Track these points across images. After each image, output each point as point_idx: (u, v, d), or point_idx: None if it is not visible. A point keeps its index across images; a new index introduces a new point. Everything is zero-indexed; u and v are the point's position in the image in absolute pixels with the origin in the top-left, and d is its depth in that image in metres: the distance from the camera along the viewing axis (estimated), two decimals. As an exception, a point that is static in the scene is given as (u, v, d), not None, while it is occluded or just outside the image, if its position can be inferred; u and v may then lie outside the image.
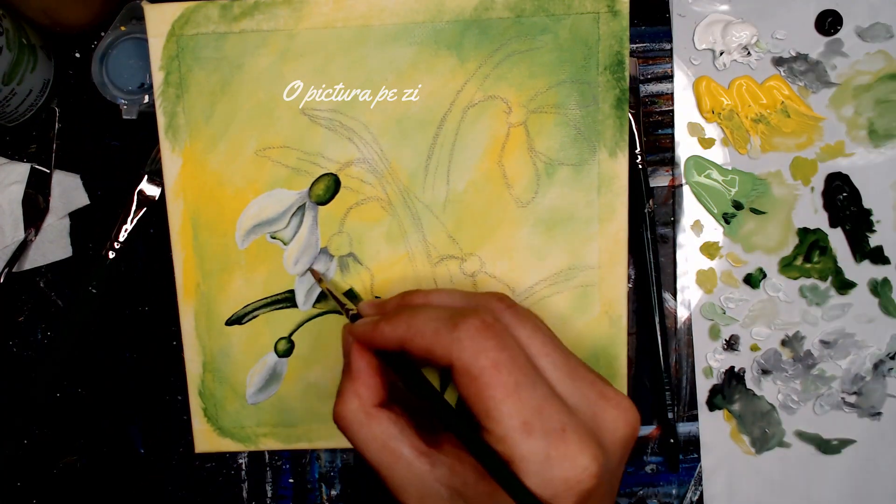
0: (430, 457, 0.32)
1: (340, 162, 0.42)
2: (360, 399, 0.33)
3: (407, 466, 0.32)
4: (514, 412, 0.29)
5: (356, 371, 0.34)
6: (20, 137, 0.47)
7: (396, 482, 0.32)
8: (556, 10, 0.40)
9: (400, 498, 0.32)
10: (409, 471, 0.32)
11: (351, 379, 0.34)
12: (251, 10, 0.41)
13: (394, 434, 0.33)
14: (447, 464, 0.32)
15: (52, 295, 0.47)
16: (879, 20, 0.44)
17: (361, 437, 0.33)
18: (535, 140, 0.41)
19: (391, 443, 0.32)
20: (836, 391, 0.45)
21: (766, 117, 0.44)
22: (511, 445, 0.29)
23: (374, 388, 0.34)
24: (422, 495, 0.32)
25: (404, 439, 0.32)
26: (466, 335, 0.30)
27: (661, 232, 0.45)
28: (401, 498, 0.32)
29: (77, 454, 0.48)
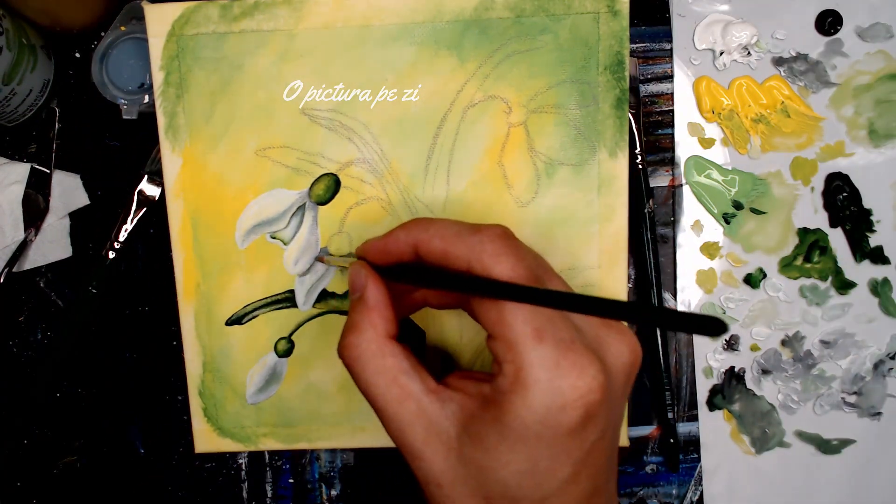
0: (439, 394, 0.32)
1: (340, 162, 0.42)
2: (376, 329, 0.33)
3: (416, 403, 0.31)
4: (529, 318, 0.28)
5: (373, 301, 0.33)
6: (20, 137, 0.47)
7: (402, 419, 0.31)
8: (556, 10, 0.40)
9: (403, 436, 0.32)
10: (418, 407, 0.31)
11: (367, 309, 0.33)
12: (251, 10, 0.41)
13: (405, 369, 0.32)
14: (456, 400, 0.31)
15: (52, 295, 0.47)
16: (879, 20, 0.44)
17: (371, 370, 0.32)
18: (535, 140, 0.41)
19: (402, 377, 0.32)
20: (836, 391, 0.45)
21: (766, 117, 0.44)
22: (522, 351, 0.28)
23: (389, 318, 0.33)
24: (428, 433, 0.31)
25: (415, 375, 0.32)
26: (489, 238, 0.30)
27: (661, 232, 0.45)
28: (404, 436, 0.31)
29: (77, 454, 0.48)
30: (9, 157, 0.46)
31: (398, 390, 0.32)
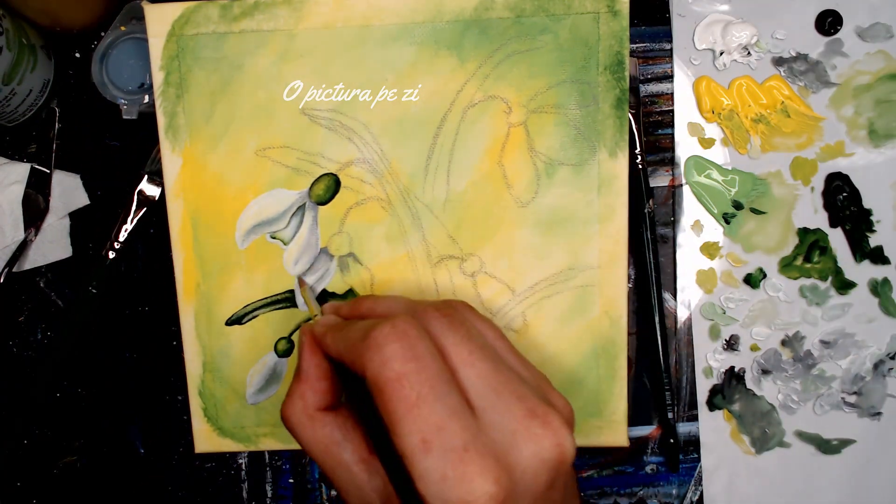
0: (368, 464, 0.32)
1: (340, 162, 0.42)
2: (305, 402, 0.33)
3: (347, 472, 0.32)
4: (414, 429, 0.27)
5: (304, 372, 0.33)
6: (20, 137, 0.47)
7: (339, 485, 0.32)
8: (556, 10, 0.40)
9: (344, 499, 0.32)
10: (348, 476, 0.32)
11: (298, 380, 0.33)
12: (251, 10, 0.41)
13: (336, 439, 0.32)
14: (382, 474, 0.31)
15: (52, 295, 0.47)
16: (879, 20, 0.44)
17: (305, 439, 0.33)
18: (535, 140, 0.41)
19: (333, 448, 0.32)
20: (836, 391, 0.45)
21: (766, 117, 0.44)
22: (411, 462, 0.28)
23: (320, 391, 0.33)
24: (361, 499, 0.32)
25: (347, 444, 0.32)
26: (373, 344, 0.29)
27: (661, 232, 0.45)
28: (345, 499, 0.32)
29: (77, 454, 0.48)
30: (9, 157, 0.46)
31: (330, 459, 0.32)
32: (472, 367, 0.30)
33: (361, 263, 0.42)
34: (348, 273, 0.43)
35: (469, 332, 0.31)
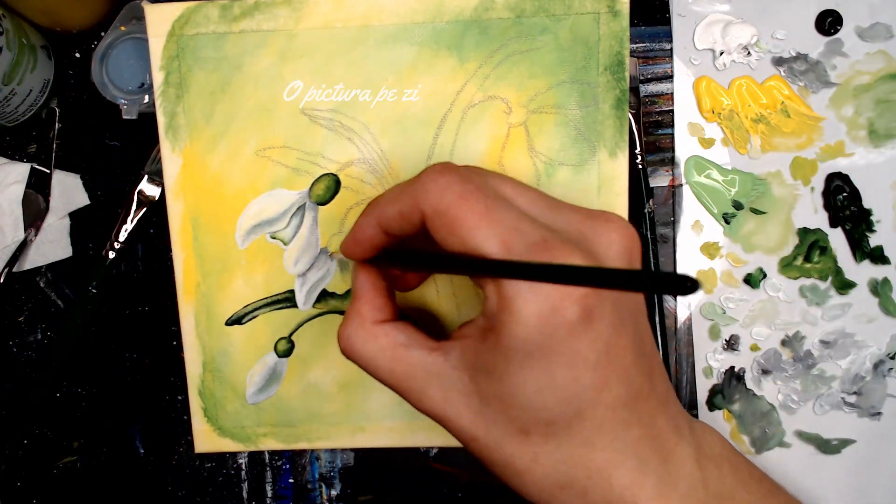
0: (442, 349, 0.31)
1: (340, 162, 0.42)
2: (362, 317, 0.32)
3: (422, 367, 0.31)
4: (490, 234, 0.27)
5: (358, 291, 0.33)
6: (20, 137, 0.47)
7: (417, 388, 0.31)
8: (556, 11, 0.40)
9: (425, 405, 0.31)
10: (425, 370, 0.31)
11: (354, 299, 0.33)
12: (251, 10, 0.41)
13: (401, 341, 0.32)
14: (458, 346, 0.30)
15: (52, 295, 0.47)
16: (880, 20, 0.44)
17: (368, 353, 0.32)
18: (535, 140, 0.41)
19: (400, 350, 0.31)
20: (836, 391, 0.45)
21: (766, 117, 0.44)
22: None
23: (377, 306, 0.33)
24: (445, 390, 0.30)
25: (412, 342, 0.31)
26: (428, 178, 0.29)
27: (661, 232, 0.45)
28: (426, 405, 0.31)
29: (77, 454, 0.48)
30: (9, 157, 0.46)
31: (401, 365, 0.31)
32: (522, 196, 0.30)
33: (361, 263, 0.42)
34: (348, 273, 0.43)
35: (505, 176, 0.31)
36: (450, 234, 0.28)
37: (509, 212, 0.28)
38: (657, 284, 0.20)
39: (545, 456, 0.29)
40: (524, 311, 0.27)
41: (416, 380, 0.31)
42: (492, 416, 0.30)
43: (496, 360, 0.28)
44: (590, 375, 0.28)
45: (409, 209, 0.30)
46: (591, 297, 0.27)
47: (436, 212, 0.29)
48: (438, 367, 0.31)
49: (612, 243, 0.29)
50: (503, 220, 0.28)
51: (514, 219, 0.28)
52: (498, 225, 0.27)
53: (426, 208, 0.29)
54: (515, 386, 0.28)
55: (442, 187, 0.28)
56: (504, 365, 0.28)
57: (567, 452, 0.29)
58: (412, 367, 0.31)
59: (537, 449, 0.29)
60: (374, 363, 0.32)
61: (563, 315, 0.27)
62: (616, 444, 0.29)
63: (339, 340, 0.33)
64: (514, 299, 0.27)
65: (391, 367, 0.31)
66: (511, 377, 0.28)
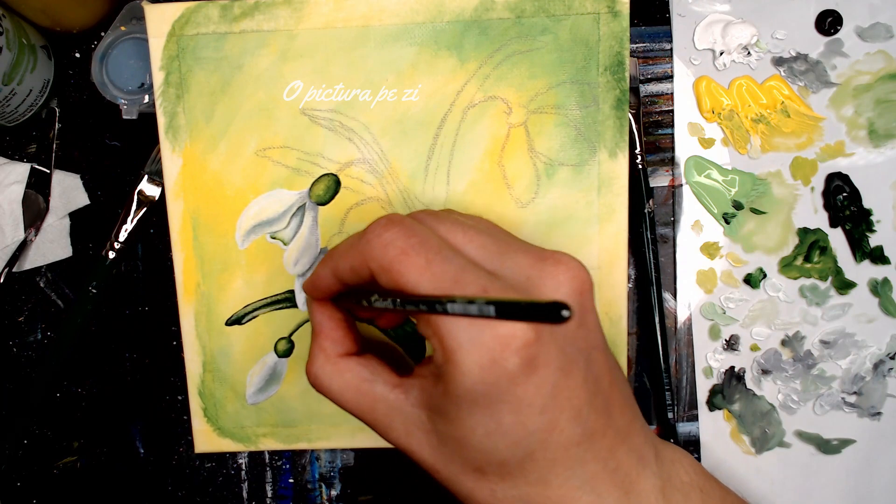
0: (403, 386, 0.32)
1: (340, 162, 0.42)
2: (326, 353, 0.33)
3: (385, 403, 0.32)
4: (430, 288, 0.28)
5: (318, 326, 0.34)
6: (20, 137, 0.47)
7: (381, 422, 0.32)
8: (556, 11, 0.40)
9: (389, 437, 0.32)
10: (387, 406, 0.31)
11: (315, 335, 0.34)
12: (251, 10, 0.41)
13: (365, 376, 0.32)
14: (417, 385, 0.31)
15: (52, 295, 0.47)
16: (879, 20, 0.44)
17: (335, 388, 0.32)
18: (535, 140, 0.41)
19: (364, 385, 0.32)
20: (836, 391, 0.45)
21: (766, 117, 0.44)
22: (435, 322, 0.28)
23: (338, 339, 0.34)
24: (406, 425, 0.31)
25: (376, 378, 0.32)
26: (373, 234, 0.29)
27: (661, 232, 0.45)
28: (390, 437, 0.32)
29: (77, 454, 0.48)
30: (9, 157, 0.46)
31: (365, 398, 0.32)
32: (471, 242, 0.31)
33: (361, 264, 0.42)
34: None
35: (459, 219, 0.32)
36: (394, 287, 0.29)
37: (451, 263, 0.28)
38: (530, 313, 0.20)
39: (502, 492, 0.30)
40: (466, 364, 0.27)
41: (380, 413, 0.32)
42: (449, 455, 0.30)
43: (447, 405, 0.29)
44: (537, 420, 0.28)
45: (358, 264, 0.30)
46: (533, 347, 0.27)
47: (380, 267, 0.29)
48: (400, 403, 0.31)
49: (560, 286, 0.29)
50: (443, 273, 0.28)
51: (456, 270, 0.28)
52: (438, 278, 0.28)
53: (372, 265, 0.30)
54: (466, 430, 0.29)
55: (385, 243, 0.29)
56: (455, 410, 0.29)
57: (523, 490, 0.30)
58: (376, 403, 0.32)
59: (494, 486, 0.30)
60: (342, 397, 0.33)
61: (503, 366, 0.27)
62: (572, 482, 0.30)
63: (308, 376, 0.34)
64: (455, 351, 0.28)
65: (357, 400, 0.32)
66: (461, 422, 0.29)
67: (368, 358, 0.33)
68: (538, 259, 0.30)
